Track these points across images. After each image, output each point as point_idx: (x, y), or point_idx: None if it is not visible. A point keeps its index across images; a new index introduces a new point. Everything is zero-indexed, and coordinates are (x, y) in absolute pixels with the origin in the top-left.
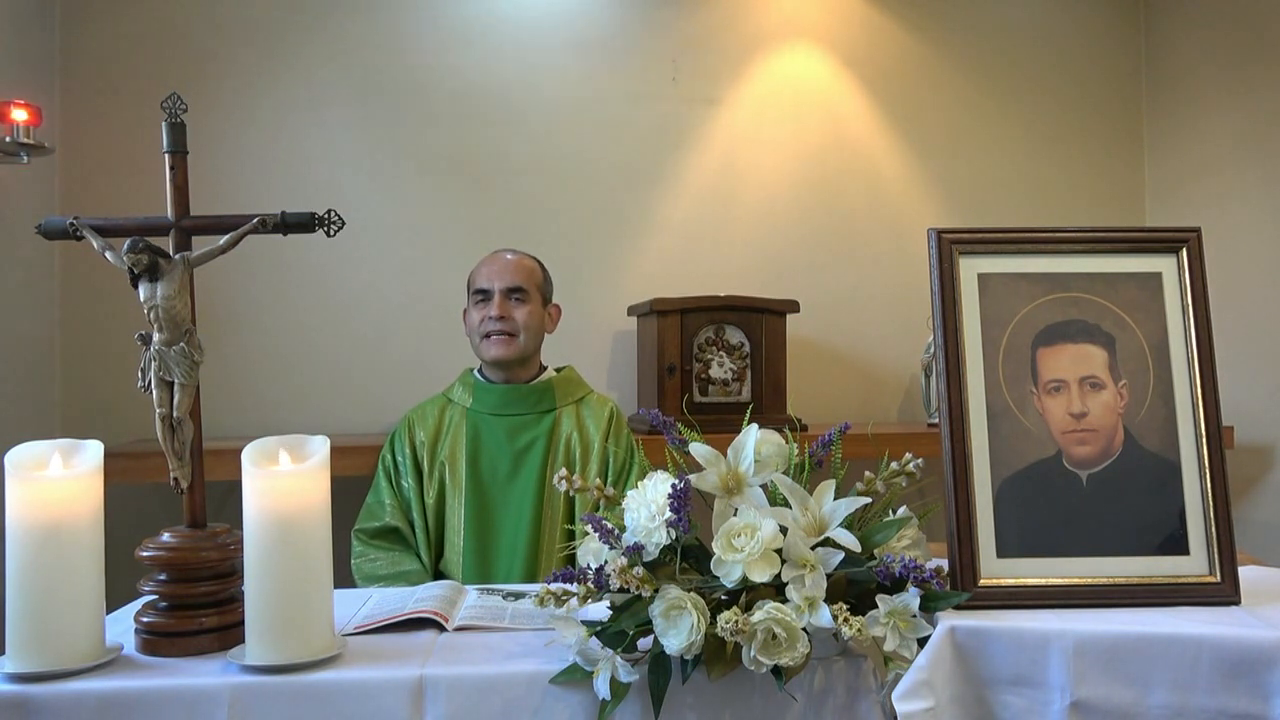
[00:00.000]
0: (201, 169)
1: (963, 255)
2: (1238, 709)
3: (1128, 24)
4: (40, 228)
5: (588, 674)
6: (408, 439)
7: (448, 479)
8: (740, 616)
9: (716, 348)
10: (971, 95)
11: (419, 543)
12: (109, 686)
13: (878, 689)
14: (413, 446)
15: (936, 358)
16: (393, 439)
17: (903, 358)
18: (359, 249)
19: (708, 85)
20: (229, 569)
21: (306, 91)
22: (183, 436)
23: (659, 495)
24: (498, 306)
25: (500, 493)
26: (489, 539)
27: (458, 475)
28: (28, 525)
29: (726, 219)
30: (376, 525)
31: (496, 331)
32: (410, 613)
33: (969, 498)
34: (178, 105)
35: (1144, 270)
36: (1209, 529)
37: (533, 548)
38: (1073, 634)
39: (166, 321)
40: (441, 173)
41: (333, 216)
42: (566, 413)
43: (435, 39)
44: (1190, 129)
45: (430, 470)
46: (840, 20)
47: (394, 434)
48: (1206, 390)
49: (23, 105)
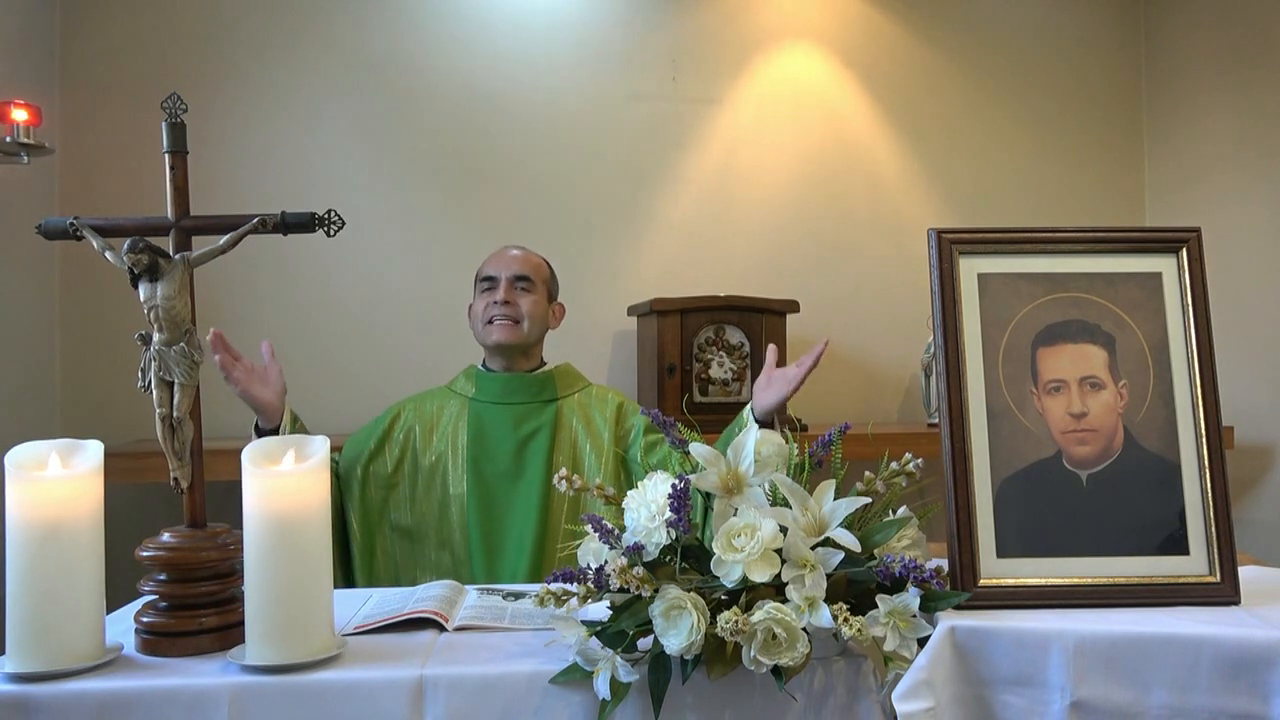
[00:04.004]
0: (201, 169)
1: (963, 255)
2: (1237, 709)
3: (1128, 24)
4: (40, 228)
5: (588, 674)
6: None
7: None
8: (740, 616)
9: (716, 348)
10: (971, 95)
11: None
12: (109, 686)
13: (878, 689)
14: (391, 427)
15: (936, 358)
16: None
17: (903, 358)
18: (359, 249)
19: (708, 85)
20: (229, 569)
21: (307, 91)
22: (183, 436)
23: (659, 495)
24: (503, 293)
25: (506, 481)
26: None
27: (458, 463)
28: (28, 525)
29: (726, 219)
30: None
31: (500, 316)
32: (410, 613)
33: (969, 498)
34: (178, 105)
35: (1144, 270)
36: (1209, 529)
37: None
38: (1073, 634)
39: (166, 321)
40: (442, 172)
41: (333, 216)
42: (568, 403)
43: (435, 39)
44: (1190, 129)
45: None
46: (840, 20)
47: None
48: (1206, 390)
49: (23, 105)
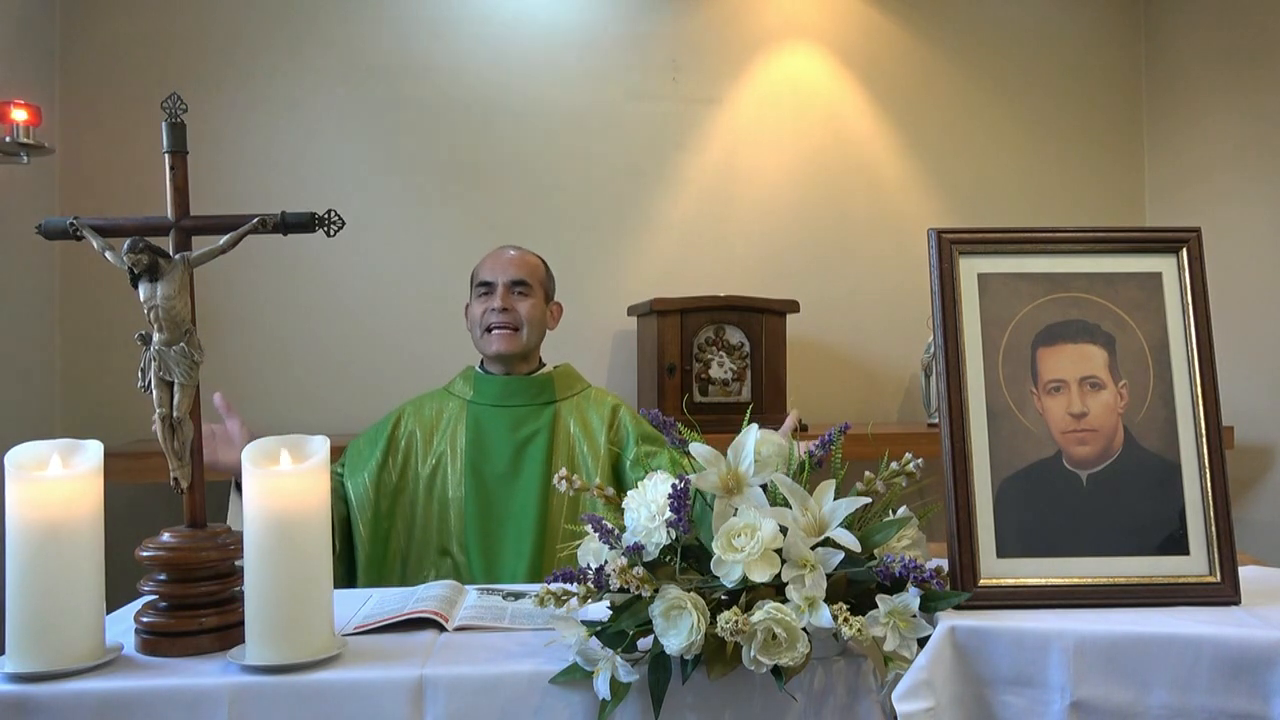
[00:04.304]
0: (201, 169)
1: (963, 255)
2: (1237, 709)
3: (1128, 24)
4: (40, 228)
5: (588, 674)
6: (390, 427)
7: (448, 472)
8: (740, 616)
9: (716, 348)
10: (971, 95)
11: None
12: (109, 686)
13: (878, 689)
14: (394, 432)
15: (936, 358)
16: (386, 419)
17: (903, 358)
18: (359, 249)
19: (708, 85)
20: (229, 569)
21: (307, 91)
22: (183, 436)
23: (659, 495)
24: (501, 299)
25: (504, 483)
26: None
27: (457, 466)
28: (28, 525)
29: (726, 219)
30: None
31: (499, 325)
32: (410, 613)
33: (969, 498)
34: (178, 105)
35: (1144, 270)
36: (1209, 529)
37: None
38: (1073, 634)
39: (166, 321)
40: (442, 172)
41: (333, 216)
42: (567, 405)
43: (436, 39)
44: (1190, 129)
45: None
46: (840, 20)
47: (388, 415)
48: (1206, 390)
49: (23, 105)
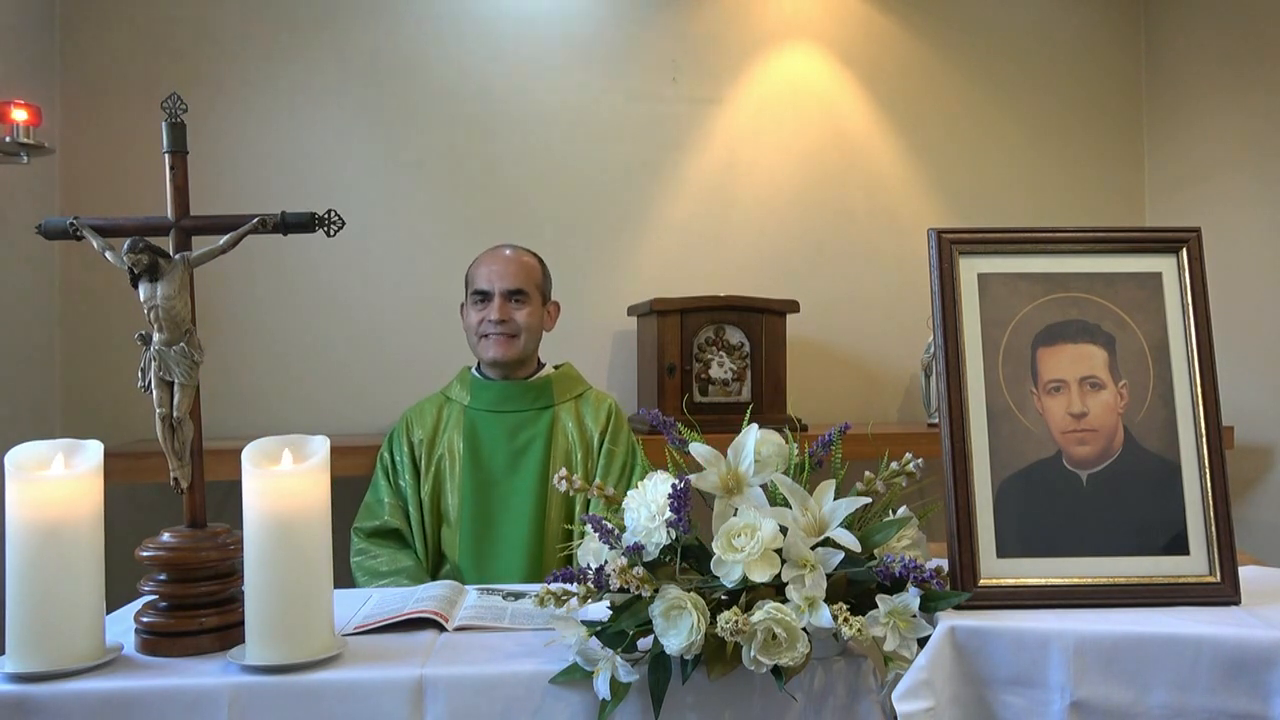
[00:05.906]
0: (201, 169)
1: (963, 255)
2: (1237, 709)
3: (1128, 24)
4: (40, 228)
5: (588, 674)
6: (405, 438)
7: (445, 476)
8: (740, 616)
9: (716, 348)
10: (971, 95)
11: (415, 540)
12: (109, 686)
13: (878, 689)
14: (410, 445)
15: (936, 358)
16: (391, 437)
17: (903, 358)
18: (359, 249)
19: (708, 85)
20: (229, 569)
21: (307, 92)
22: (183, 436)
23: (659, 495)
24: (498, 310)
25: (500, 490)
26: (488, 537)
27: (456, 472)
28: (28, 525)
29: (726, 219)
30: (375, 524)
31: (496, 333)
32: (410, 613)
33: (969, 498)
34: (178, 105)
35: (1144, 270)
36: (1209, 529)
37: (534, 546)
38: (1073, 634)
39: (166, 321)
40: (442, 172)
41: (333, 216)
42: (565, 409)
43: (435, 39)
44: (1190, 129)
45: (428, 468)
46: (840, 20)
47: (392, 432)
48: (1206, 390)
49: (23, 105)
